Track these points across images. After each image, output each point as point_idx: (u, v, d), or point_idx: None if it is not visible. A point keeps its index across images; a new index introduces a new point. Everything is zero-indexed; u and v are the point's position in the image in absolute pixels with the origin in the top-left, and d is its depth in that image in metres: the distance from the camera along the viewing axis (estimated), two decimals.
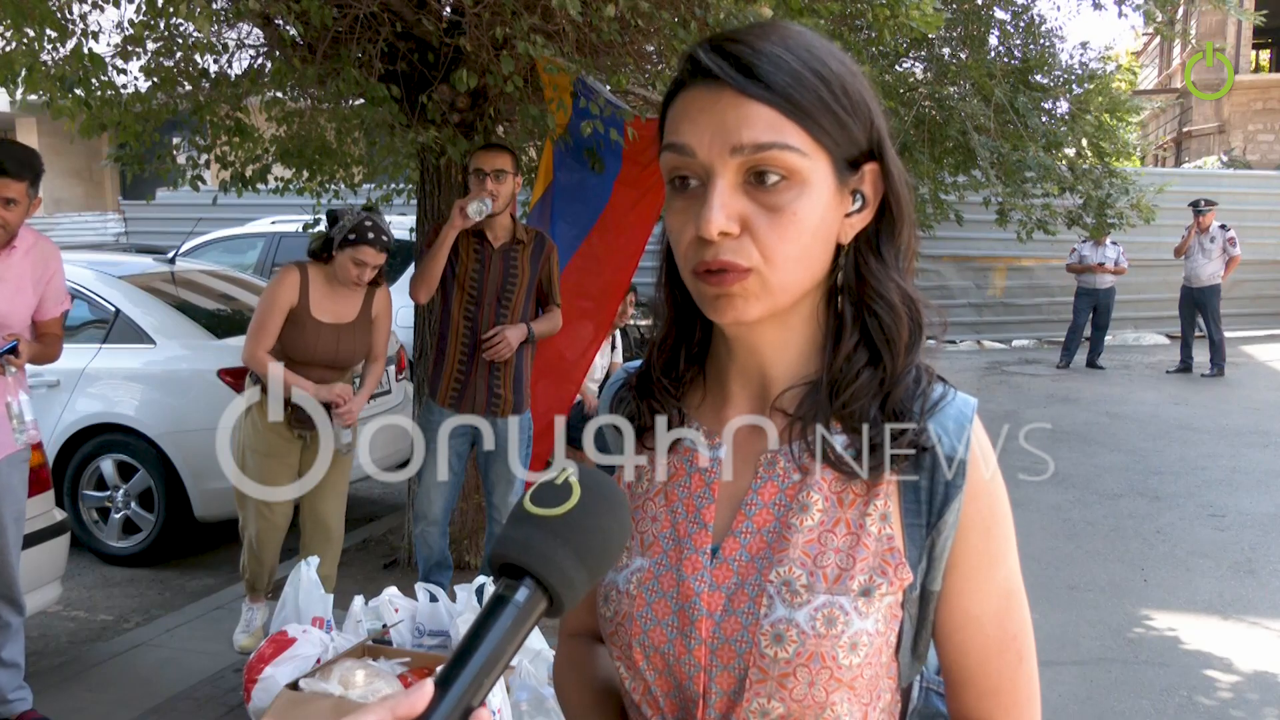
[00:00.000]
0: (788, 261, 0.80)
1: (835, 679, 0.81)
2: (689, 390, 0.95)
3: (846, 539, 0.84)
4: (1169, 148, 22.68)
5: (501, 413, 3.80)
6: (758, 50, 0.79)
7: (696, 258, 0.81)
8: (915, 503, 0.85)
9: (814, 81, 0.79)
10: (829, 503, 0.85)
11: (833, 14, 4.01)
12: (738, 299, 0.80)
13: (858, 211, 0.85)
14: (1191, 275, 10.58)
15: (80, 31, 3.99)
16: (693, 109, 0.80)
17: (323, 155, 5.16)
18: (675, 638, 0.86)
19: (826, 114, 0.80)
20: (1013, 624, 0.87)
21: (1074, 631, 4.07)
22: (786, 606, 0.82)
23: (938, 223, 9.51)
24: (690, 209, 0.81)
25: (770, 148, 0.78)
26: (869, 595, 0.82)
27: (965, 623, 0.86)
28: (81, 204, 20.80)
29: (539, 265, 3.85)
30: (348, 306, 3.68)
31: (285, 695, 2.72)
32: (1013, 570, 0.87)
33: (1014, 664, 0.87)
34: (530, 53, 3.41)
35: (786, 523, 0.85)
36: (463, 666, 0.64)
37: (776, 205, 0.79)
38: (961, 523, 0.84)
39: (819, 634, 0.81)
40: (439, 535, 3.91)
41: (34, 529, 3.47)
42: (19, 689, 3.12)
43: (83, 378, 4.90)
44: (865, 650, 0.82)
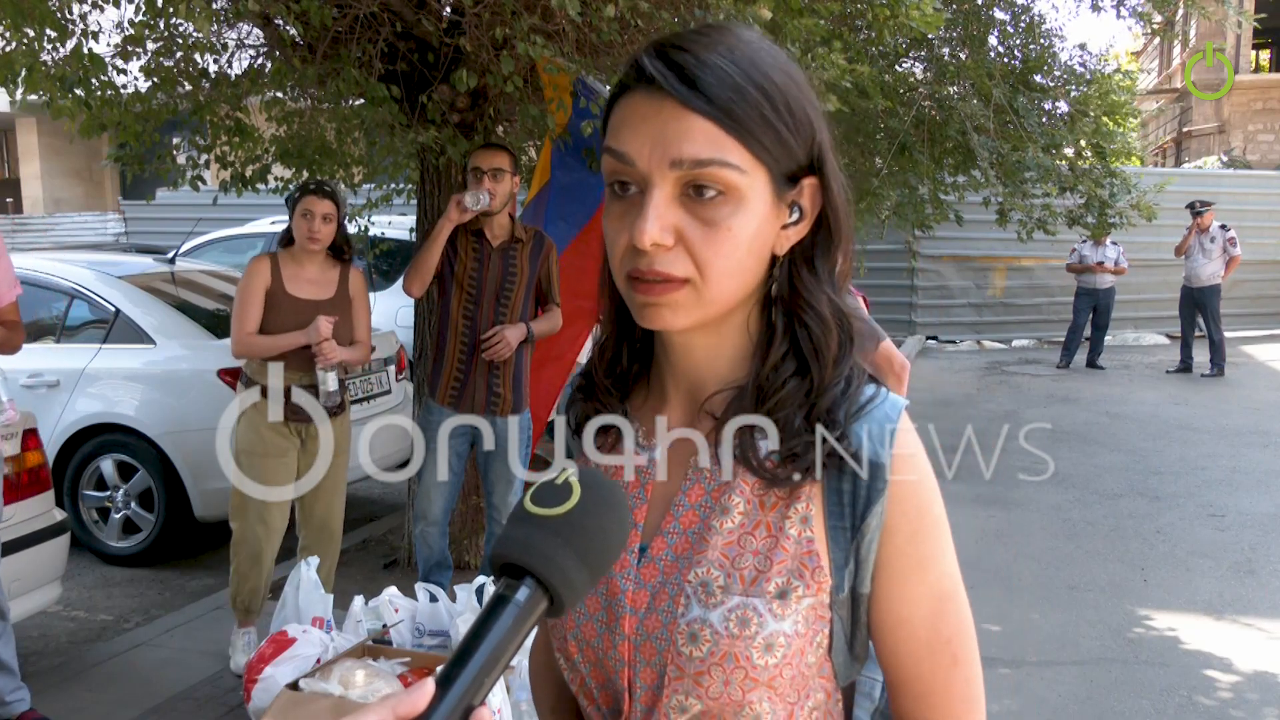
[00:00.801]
0: (721, 275, 0.81)
1: (751, 679, 0.82)
2: (635, 389, 0.96)
3: (765, 541, 0.85)
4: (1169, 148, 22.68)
5: (501, 412, 3.80)
6: (702, 61, 0.79)
7: (630, 264, 0.81)
8: (839, 506, 0.85)
9: (757, 97, 0.79)
10: (750, 505, 0.86)
11: (832, 14, 4.01)
12: (665, 309, 0.81)
13: (794, 224, 0.85)
14: (1191, 275, 10.58)
15: (80, 31, 3.99)
16: (634, 117, 0.81)
17: (323, 155, 5.15)
18: (603, 633, 0.88)
19: (767, 130, 0.80)
20: (946, 627, 0.86)
21: (1074, 631, 4.07)
22: (702, 607, 0.83)
23: (937, 223, 9.51)
24: (627, 215, 0.81)
25: (709, 164, 0.78)
26: (785, 598, 0.83)
27: (896, 625, 0.86)
28: (81, 204, 20.79)
29: (538, 264, 3.85)
30: (324, 283, 3.69)
31: (285, 695, 2.72)
32: (945, 573, 0.86)
33: (947, 667, 0.86)
34: (530, 53, 3.41)
35: (708, 524, 0.86)
36: (464, 666, 0.65)
37: (712, 219, 0.79)
38: (886, 525, 0.84)
39: (732, 634, 0.82)
40: (439, 535, 3.91)
41: (34, 529, 3.47)
42: (17, 689, 3.12)
43: (83, 378, 4.90)
44: (783, 651, 0.82)
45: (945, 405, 8.84)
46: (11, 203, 21.33)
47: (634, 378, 0.96)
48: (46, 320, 5.24)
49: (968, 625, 0.88)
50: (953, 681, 0.87)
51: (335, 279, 3.72)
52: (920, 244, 12.06)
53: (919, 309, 13.05)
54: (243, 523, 3.65)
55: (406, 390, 5.55)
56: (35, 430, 3.52)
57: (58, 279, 5.17)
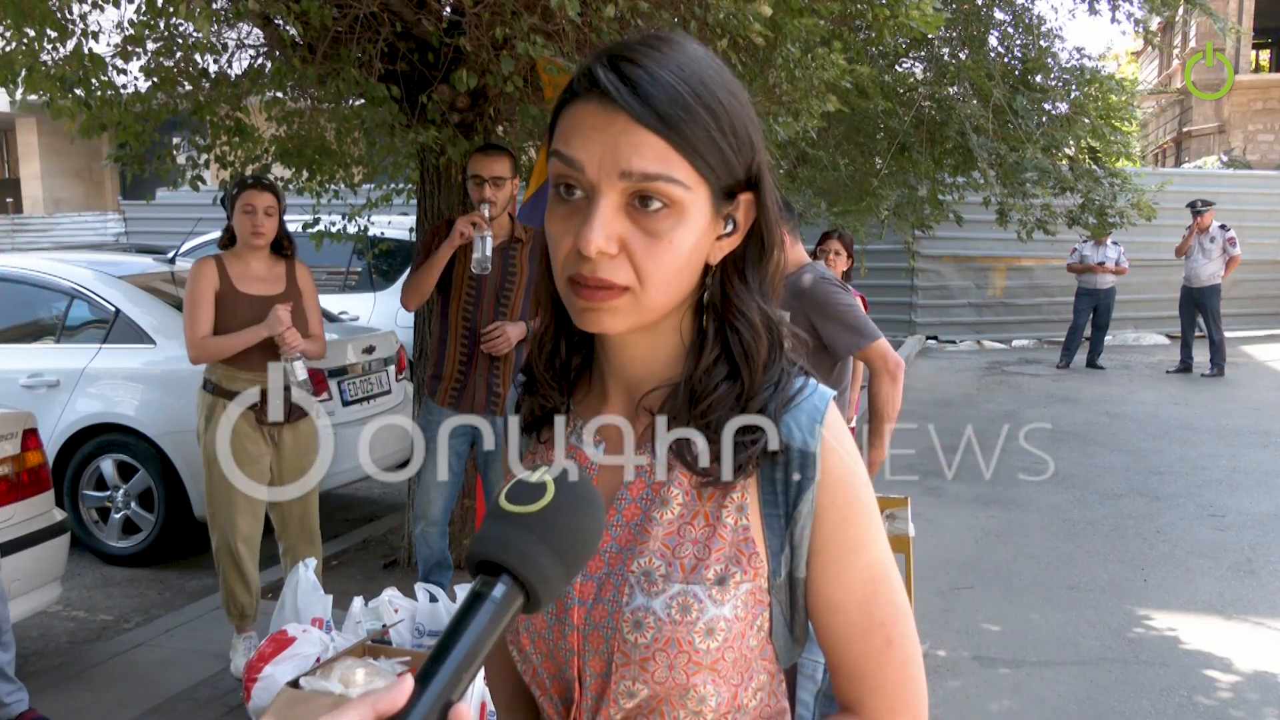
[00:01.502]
0: (659, 284, 0.84)
1: (694, 662, 0.86)
2: (577, 384, 1.00)
3: (704, 530, 0.89)
4: (1169, 148, 22.69)
5: (501, 412, 3.80)
6: (654, 77, 0.81)
7: (573, 268, 0.84)
8: (772, 494, 0.89)
9: (705, 117, 0.82)
10: (689, 497, 0.90)
11: (832, 14, 4.01)
12: (604, 314, 0.84)
13: (728, 235, 0.89)
14: (1191, 275, 10.59)
15: (80, 31, 3.99)
16: (585, 125, 0.83)
17: (322, 155, 5.16)
18: (554, 624, 0.92)
19: (713, 149, 0.83)
20: (879, 610, 0.89)
21: (1074, 631, 4.07)
22: (645, 595, 0.87)
23: (937, 223, 9.51)
24: (572, 219, 0.84)
25: (657, 179, 0.81)
26: (724, 584, 0.86)
27: (830, 608, 0.90)
28: (81, 204, 20.81)
29: (538, 263, 3.84)
30: (272, 279, 3.63)
31: (286, 693, 2.72)
32: (877, 558, 0.90)
33: (881, 648, 0.89)
34: (530, 53, 3.41)
35: (649, 516, 0.90)
36: (441, 662, 0.65)
37: (656, 231, 0.82)
38: (817, 512, 0.88)
39: (674, 620, 0.86)
40: (439, 535, 3.91)
41: (34, 529, 3.47)
42: (15, 690, 3.12)
43: (83, 378, 4.90)
44: (723, 635, 0.86)
45: (945, 405, 8.84)
46: (11, 203, 21.34)
47: (576, 372, 0.99)
48: (46, 320, 5.25)
49: (901, 609, 0.91)
50: (887, 663, 0.90)
51: (283, 274, 3.67)
52: (920, 244, 12.06)
53: (919, 309, 13.05)
54: (218, 534, 3.59)
55: (406, 390, 5.55)
56: (35, 430, 3.52)
57: (58, 279, 5.17)
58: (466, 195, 4.18)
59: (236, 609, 3.64)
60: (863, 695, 0.91)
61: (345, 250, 6.95)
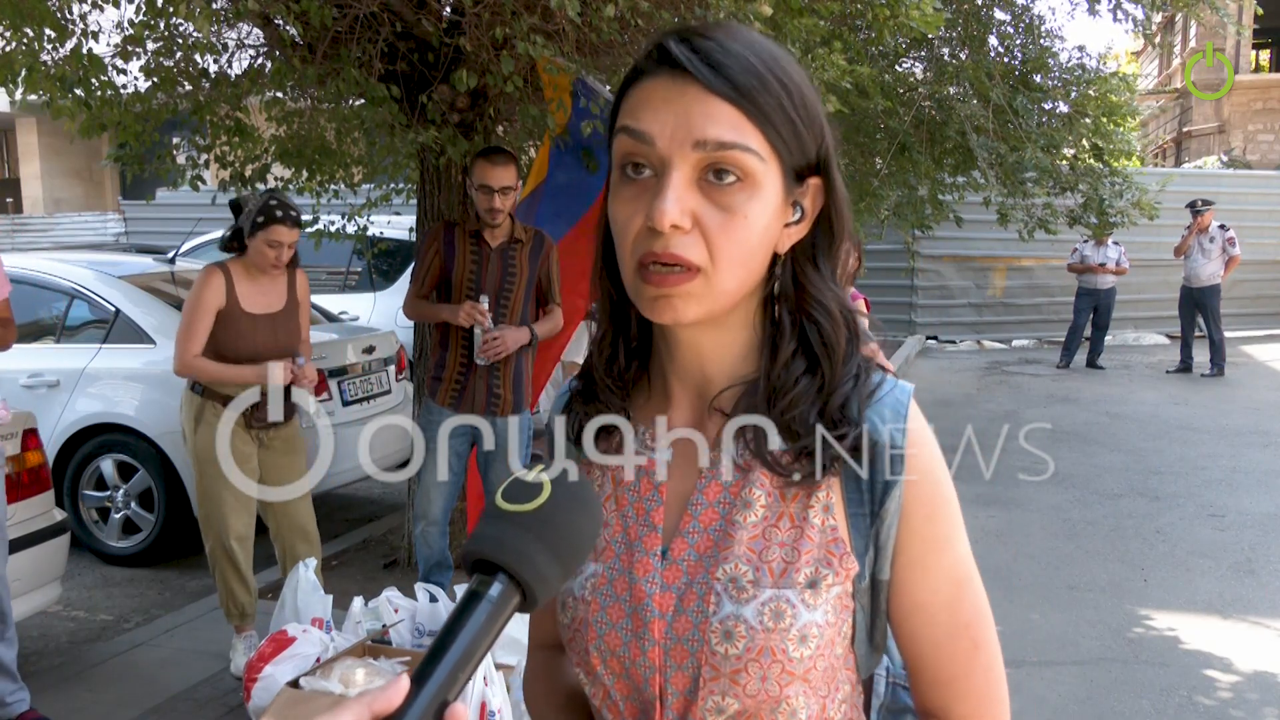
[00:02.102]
0: (732, 264, 0.80)
1: (787, 672, 0.82)
2: (635, 390, 0.95)
3: (790, 532, 0.85)
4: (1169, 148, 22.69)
5: (501, 412, 3.80)
6: (726, 49, 0.79)
7: (644, 248, 0.80)
8: (858, 492, 0.85)
9: (777, 88, 0.80)
10: (771, 498, 0.86)
11: (832, 14, 4.01)
12: (677, 300, 0.80)
13: (795, 223, 0.85)
14: (1191, 275, 10.59)
15: (80, 31, 3.99)
16: (656, 98, 0.80)
17: (322, 155, 5.16)
18: (630, 641, 0.87)
19: (786, 122, 0.80)
20: (964, 612, 0.86)
21: (1074, 631, 4.07)
22: (734, 603, 0.83)
23: (937, 223, 9.51)
24: (641, 198, 0.80)
25: (733, 147, 0.78)
26: (815, 587, 0.83)
27: (915, 609, 0.86)
28: (81, 204, 20.81)
29: (538, 264, 3.85)
30: (274, 294, 3.60)
31: (286, 693, 2.72)
32: (961, 557, 0.87)
33: (968, 651, 0.86)
34: (530, 53, 3.41)
35: (731, 520, 0.86)
36: (437, 662, 0.65)
37: (729, 205, 0.79)
38: (904, 510, 0.84)
39: (767, 628, 0.81)
40: (439, 535, 3.92)
41: (34, 529, 3.47)
42: (16, 690, 3.12)
43: (83, 378, 4.90)
44: (816, 642, 0.82)
45: (945, 405, 8.84)
46: (11, 203, 21.34)
47: (633, 377, 0.94)
48: (46, 320, 5.24)
49: (985, 610, 0.88)
50: (974, 667, 0.87)
51: (284, 287, 3.64)
52: (920, 244, 12.05)
53: (919, 309, 13.05)
54: (212, 536, 3.58)
55: (406, 390, 5.55)
56: (35, 430, 3.51)
57: (58, 279, 5.17)
58: (466, 195, 4.19)
59: (236, 609, 3.64)
60: (948, 701, 0.87)
61: (345, 250, 6.95)
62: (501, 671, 2.82)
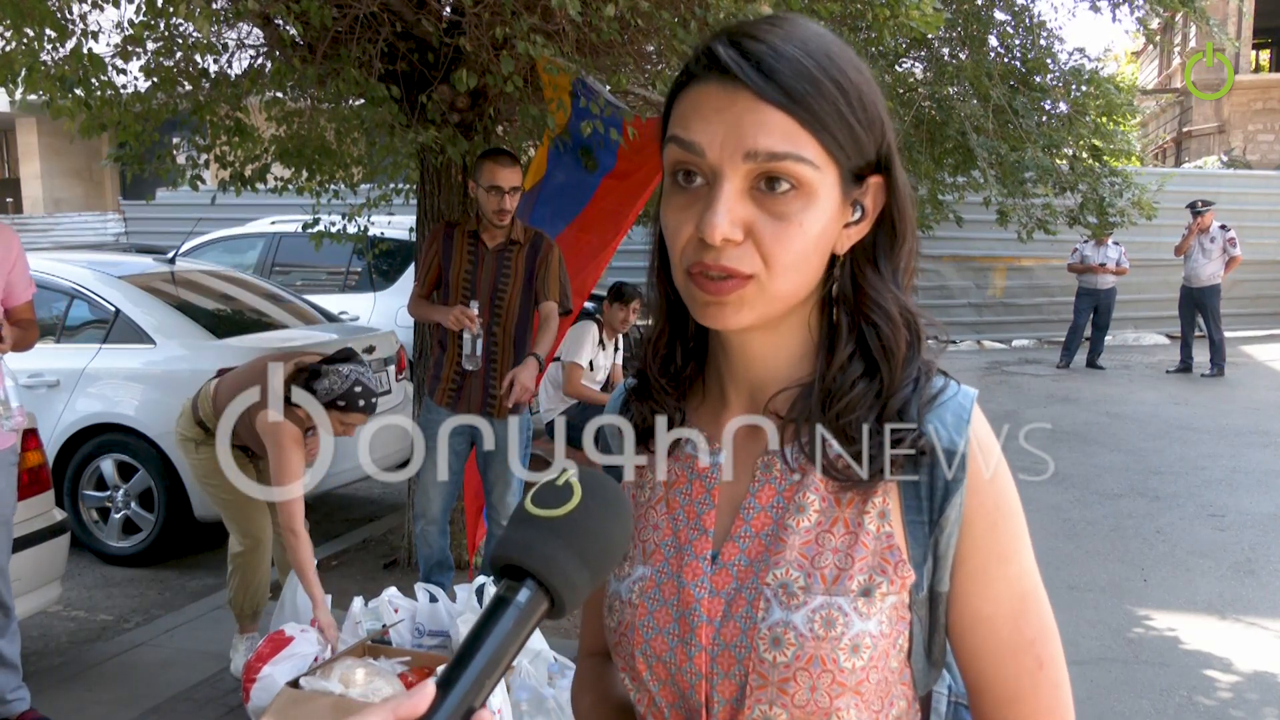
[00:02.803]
0: (787, 271, 0.78)
1: (838, 683, 0.79)
2: (690, 391, 0.93)
3: (845, 538, 0.82)
4: (1169, 148, 22.69)
5: (498, 413, 3.80)
6: (779, 52, 0.76)
7: (694, 258, 0.78)
8: (916, 499, 0.82)
9: (833, 92, 0.77)
10: (826, 503, 0.83)
11: (832, 14, 4.00)
12: (729, 307, 0.79)
13: (856, 223, 0.83)
14: (1191, 275, 10.58)
15: (80, 31, 3.99)
16: (706, 106, 0.78)
17: (322, 155, 5.15)
18: (676, 646, 0.84)
19: (842, 126, 0.78)
20: (1030, 627, 0.83)
21: (1074, 631, 4.07)
22: (784, 609, 0.80)
23: (937, 223, 9.51)
24: (693, 207, 0.78)
25: (785, 158, 0.76)
26: (869, 595, 0.80)
27: (977, 624, 0.83)
28: (81, 204, 20.80)
29: (535, 265, 3.84)
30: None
31: (286, 693, 2.72)
32: (1026, 570, 0.83)
33: (1033, 669, 0.83)
34: (530, 53, 3.41)
35: (783, 524, 0.83)
36: (464, 668, 0.64)
37: (783, 214, 0.77)
38: (965, 518, 0.81)
39: (818, 636, 0.79)
40: (439, 534, 3.92)
41: (34, 529, 3.47)
42: (17, 689, 3.12)
43: (83, 378, 4.90)
44: (869, 653, 0.79)
45: None
46: (11, 203, 21.34)
47: (689, 379, 0.92)
48: (46, 320, 5.23)
49: (1052, 626, 0.85)
50: (1039, 686, 0.83)
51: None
52: (920, 244, 12.01)
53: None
54: (249, 539, 3.61)
55: (406, 390, 5.55)
56: (35, 430, 3.51)
57: (58, 279, 5.16)
58: (466, 195, 4.19)
59: (250, 608, 3.66)
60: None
61: (345, 250, 6.94)
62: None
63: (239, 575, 3.64)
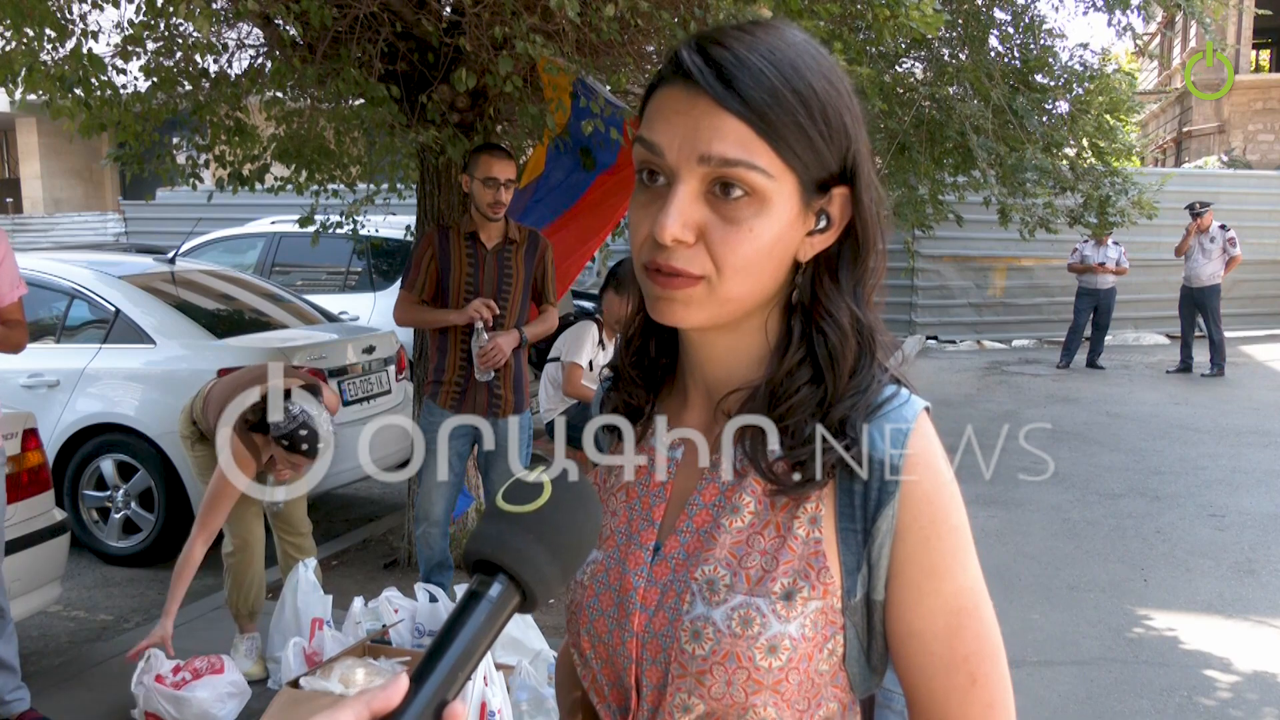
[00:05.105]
0: (737, 274, 0.80)
1: (754, 680, 0.80)
2: (664, 385, 0.96)
3: (773, 541, 0.83)
4: (1169, 148, 22.69)
5: (502, 413, 3.80)
6: (741, 60, 0.78)
7: (649, 255, 0.81)
8: (850, 507, 0.83)
9: (792, 102, 0.78)
10: (761, 505, 0.85)
11: (832, 15, 4.00)
12: (678, 304, 0.81)
13: (820, 231, 0.84)
14: (1191, 275, 10.58)
15: (80, 31, 3.99)
16: (669, 109, 0.81)
17: (321, 155, 5.15)
18: (614, 629, 0.88)
19: (800, 137, 0.79)
20: (963, 645, 0.82)
21: (1074, 631, 4.07)
22: (706, 604, 0.83)
23: (937, 223, 9.51)
24: (653, 205, 0.81)
25: (738, 164, 0.78)
26: (790, 599, 0.81)
27: (909, 637, 0.83)
28: (81, 204, 20.82)
29: (533, 264, 3.85)
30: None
31: (286, 693, 2.72)
32: (965, 587, 0.83)
33: (965, 687, 0.82)
34: (530, 53, 3.41)
35: (719, 523, 0.86)
36: (437, 661, 0.65)
37: (735, 219, 0.79)
38: (898, 530, 0.82)
39: (734, 634, 0.81)
40: (440, 536, 3.92)
41: (34, 529, 3.47)
42: (17, 689, 3.12)
43: (83, 378, 4.90)
44: (788, 654, 0.80)
45: (945, 405, 8.84)
46: (11, 203, 21.35)
47: (664, 372, 0.96)
48: (46, 320, 5.24)
49: (990, 644, 0.84)
50: (970, 704, 0.83)
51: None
52: (920, 244, 12.05)
53: (919, 309, 13.05)
54: (237, 538, 3.60)
55: (406, 390, 5.55)
56: (35, 430, 3.51)
57: (58, 279, 5.16)
58: (466, 196, 4.18)
59: (247, 608, 3.66)
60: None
61: (345, 250, 6.94)
62: (501, 671, 2.82)
63: (231, 576, 3.64)
